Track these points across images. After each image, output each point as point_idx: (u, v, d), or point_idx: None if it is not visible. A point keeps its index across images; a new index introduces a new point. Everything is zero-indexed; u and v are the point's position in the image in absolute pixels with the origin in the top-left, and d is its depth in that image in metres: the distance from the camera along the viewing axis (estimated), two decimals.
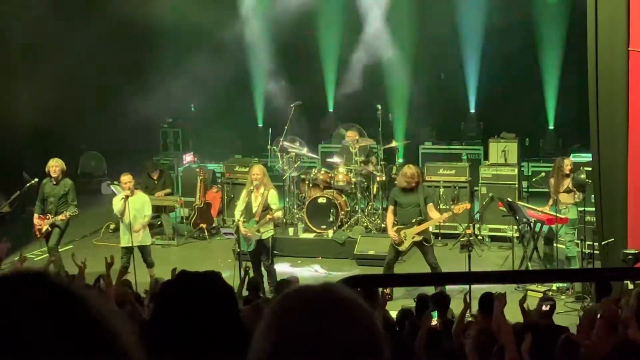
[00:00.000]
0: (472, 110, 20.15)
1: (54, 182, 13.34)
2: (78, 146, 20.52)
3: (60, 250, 13.67)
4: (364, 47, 19.18)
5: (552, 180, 13.51)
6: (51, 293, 1.26)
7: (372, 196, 16.00)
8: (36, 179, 13.80)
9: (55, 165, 13.32)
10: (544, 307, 8.38)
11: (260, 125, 21.06)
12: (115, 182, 15.93)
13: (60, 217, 13.18)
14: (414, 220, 12.29)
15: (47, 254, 13.50)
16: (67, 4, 18.67)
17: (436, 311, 8.68)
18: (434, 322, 8.39)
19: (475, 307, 8.75)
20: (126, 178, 13.08)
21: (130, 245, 12.91)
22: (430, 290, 10.37)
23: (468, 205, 13.68)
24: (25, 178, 15.27)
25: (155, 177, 16.84)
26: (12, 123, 17.45)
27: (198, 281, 2.79)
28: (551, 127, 19.72)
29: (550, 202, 13.46)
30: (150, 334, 2.66)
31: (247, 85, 20.58)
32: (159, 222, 16.51)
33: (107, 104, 18.93)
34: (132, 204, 12.92)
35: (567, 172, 13.33)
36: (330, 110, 20.97)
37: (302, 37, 19.65)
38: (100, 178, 20.37)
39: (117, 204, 13.15)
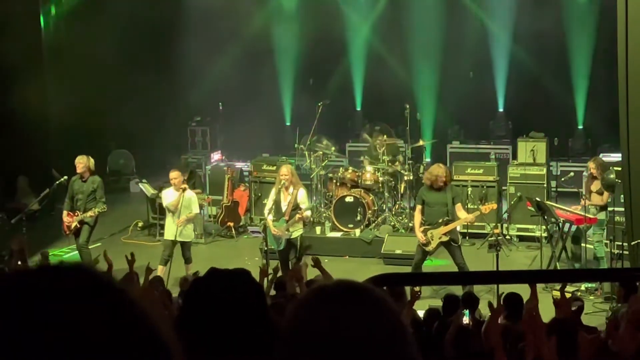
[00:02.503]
0: (501, 109, 20.08)
1: (83, 179, 13.40)
2: (107, 144, 20.65)
3: (90, 247, 13.76)
4: (392, 45, 19.15)
5: (584, 181, 13.46)
6: (94, 285, 1.28)
7: (399, 195, 15.99)
8: (65, 177, 13.88)
9: (80, 162, 13.35)
10: (572, 308, 8.33)
11: (287, 124, 21.10)
12: (144, 180, 16.04)
13: (89, 213, 13.25)
14: (440, 220, 12.25)
15: (77, 251, 13.60)
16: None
17: (467, 310, 8.65)
18: (465, 320, 8.36)
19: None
20: (173, 174, 13.20)
21: (174, 239, 13.01)
22: (455, 289, 10.34)
23: (495, 206, 13.62)
24: (55, 176, 15.38)
25: (185, 178, 16.88)
26: (41, 121, 17.61)
27: (227, 278, 2.81)
28: (580, 126, 19.61)
29: (582, 203, 13.32)
30: (178, 331, 2.68)
31: (275, 83, 20.59)
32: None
33: (136, 102, 19.02)
34: (175, 201, 13.04)
35: (594, 173, 13.26)
36: (358, 109, 20.98)
37: (330, 34, 19.65)
38: (129, 176, 20.48)
39: (166, 197, 13.24)
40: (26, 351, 1.18)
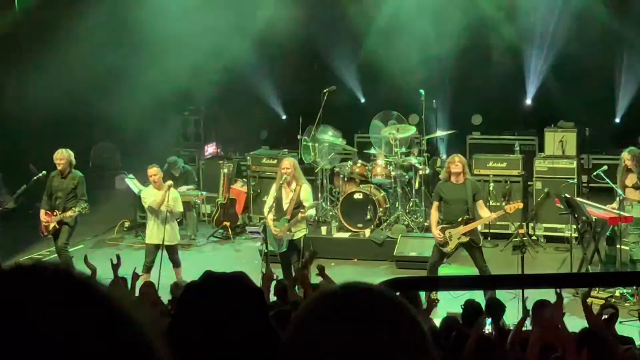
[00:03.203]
0: (527, 96, 19.97)
1: (62, 175, 13.38)
2: (90, 136, 20.65)
3: (70, 250, 13.77)
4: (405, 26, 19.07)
5: (618, 175, 13.42)
6: (72, 286, 1.28)
7: (413, 191, 15.99)
8: (44, 172, 13.86)
9: (59, 159, 13.32)
10: (604, 315, 8.31)
11: (284, 117, 20.95)
12: (131, 176, 16.04)
13: (68, 213, 13.22)
14: (460, 219, 12.24)
15: (56, 254, 13.60)
16: None
17: (490, 319, 8.63)
18: (486, 329, 8.35)
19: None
20: (152, 170, 13.22)
21: (158, 243, 13.03)
22: (476, 295, 10.34)
23: (520, 204, 13.59)
24: (32, 171, 15.40)
25: (176, 174, 16.88)
26: (18, 112, 17.64)
27: (224, 283, 2.82)
28: (616, 115, 19.49)
29: (618, 198, 13.27)
30: (170, 340, 2.69)
31: (274, 69, 20.54)
32: (178, 220, 16.57)
33: (121, 90, 19.00)
34: (160, 199, 13.03)
35: (629, 166, 13.22)
36: (363, 100, 20.79)
37: (334, 17, 19.64)
38: (114, 171, 20.49)
39: (147, 197, 13.23)
40: None
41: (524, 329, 7.81)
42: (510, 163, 16.01)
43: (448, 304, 11.20)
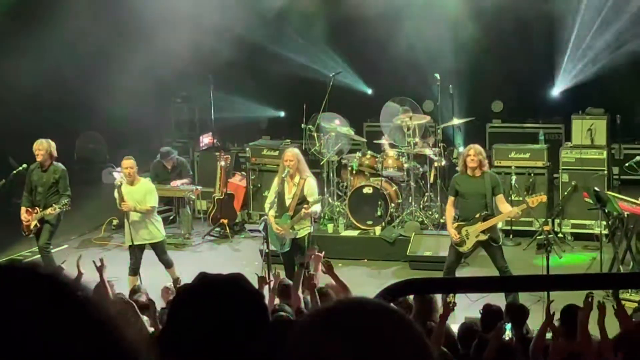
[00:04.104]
0: (554, 81, 19.90)
1: (43, 169, 13.37)
2: (74, 125, 20.62)
3: (53, 250, 13.77)
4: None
5: None
6: (48, 289, 1.30)
7: (428, 185, 15.98)
8: (24, 165, 13.84)
9: (39, 149, 13.30)
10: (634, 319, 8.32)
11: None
12: (119, 169, 16.06)
13: (48, 210, 13.19)
14: (478, 215, 12.23)
15: (39, 255, 13.60)
16: None
17: (510, 324, 8.64)
18: (507, 336, 8.35)
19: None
20: (127, 162, 13.11)
21: (139, 243, 13.01)
22: (496, 298, 10.34)
23: (544, 198, 13.60)
24: (12, 164, 15.41)
25: (169, 166, 16.86)
26: None
27: (220, 286, 2.82)
28: None
29: None
30: (162, 347, 2.70)
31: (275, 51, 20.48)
32: (170, 217, 16.61)
33: (109, 75, 18.97)
34: (131, 194, 12.98)
35: None
36: (369, 91, 20.69)
37: None
38: (101, 164, 20.50)
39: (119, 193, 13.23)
40: None
41: (548, 335, 7.82)
42: (534, 153, 16.00)
43: (467, 309, 11.20)
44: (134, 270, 12.92)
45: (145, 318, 8.61)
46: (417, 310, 8.90)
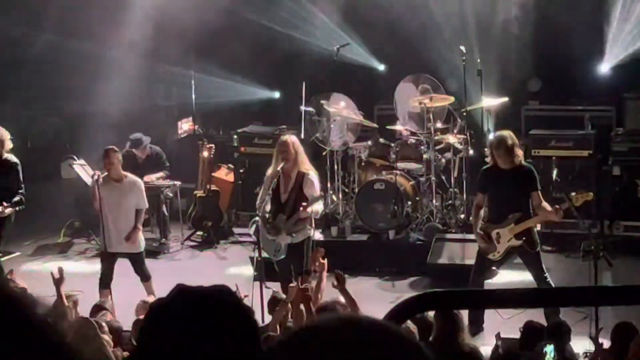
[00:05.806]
0: (602, 54, 19.91)
1: None
2: (28, 109, 20.65)
3: (2, 259, 13.81)
4: None
5: None
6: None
7: (452, 180, 15.99)
8: None
9: None
10: None
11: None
12: (81, 161, 16.06)
13: None
14: (511, 216, 12.23)
15: None
16: None
17: (552, 345, 8.67)
18: (548, 358, 8.39)
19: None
20: (112, 155, 13.12)
21: (113, 251, 13.00)
22: (535, 315, 10.36)
23: (591, 196, 13.60)
24: None
25: (142, 156, 16.86)
26: None
27: (201, 299, 2.82)
28: None
29: None
30: None
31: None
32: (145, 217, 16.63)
33: (68, 47, 18.96)
34: (115, 192, 13.01)
35: None
36: (381, 69, 20.67)
37: None
38: (60, 155, 20.51)
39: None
40: None
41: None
42: (578, 142, 16.02)
43: (498, 327, 11.22)
44: (106, 284, 12.86)
45: (106, 338, 8.63)
46: (438, 329, 8.90)
